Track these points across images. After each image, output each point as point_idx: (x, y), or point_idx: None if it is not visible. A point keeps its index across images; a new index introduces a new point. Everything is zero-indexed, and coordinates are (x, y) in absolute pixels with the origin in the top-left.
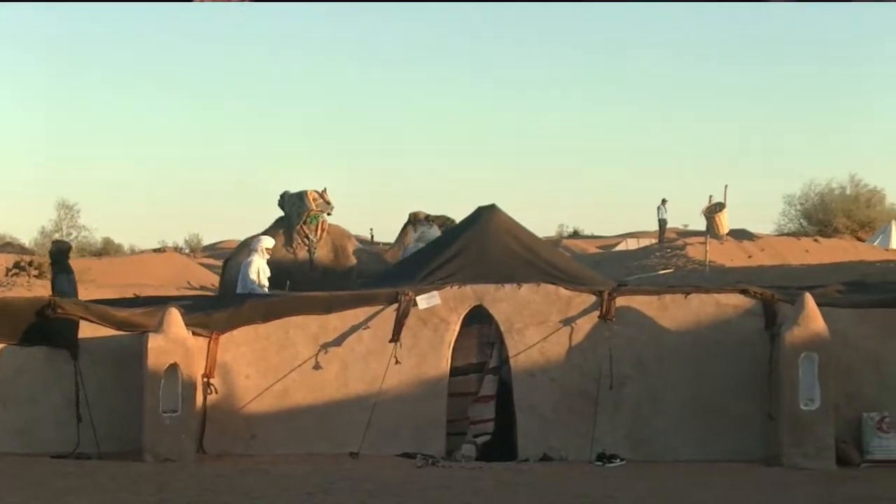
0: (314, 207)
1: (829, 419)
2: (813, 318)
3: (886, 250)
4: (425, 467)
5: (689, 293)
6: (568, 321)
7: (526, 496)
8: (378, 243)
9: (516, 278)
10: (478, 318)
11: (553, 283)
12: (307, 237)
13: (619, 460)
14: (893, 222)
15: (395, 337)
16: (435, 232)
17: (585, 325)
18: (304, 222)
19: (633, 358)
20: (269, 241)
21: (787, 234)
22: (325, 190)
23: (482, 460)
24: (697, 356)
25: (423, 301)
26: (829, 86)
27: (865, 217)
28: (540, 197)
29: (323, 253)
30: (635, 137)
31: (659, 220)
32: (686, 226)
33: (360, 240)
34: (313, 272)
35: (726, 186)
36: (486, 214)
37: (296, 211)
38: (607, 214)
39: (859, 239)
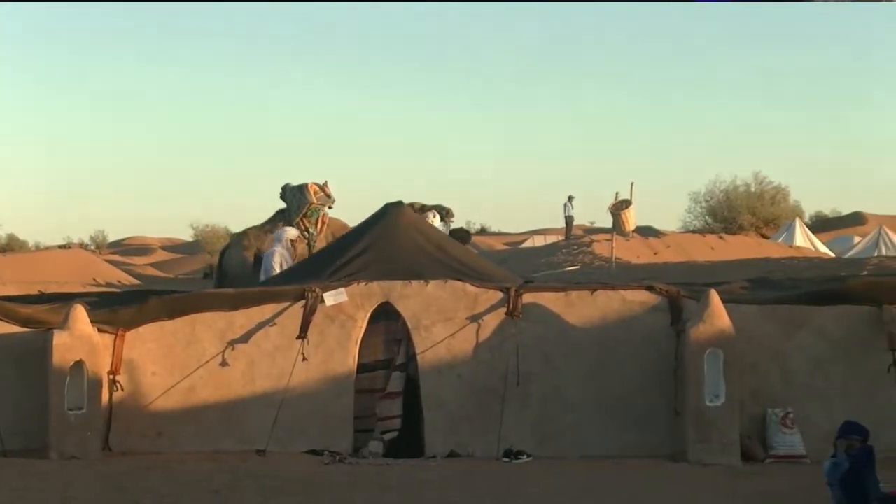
0: (315, 200)
1: (734, 415)
2: (718, 315)
3: (790, 247)
4: (332, 464)
5: (595, 290)
6: (475, 318)
7: (433, 492)
8: None
9: (424, 275)
10: (385, 315)
11: (460, 280)
12: (307, 230)
13: (525, 456)
14: (797, 219)
15: (303, 334)
16: (436, 221)
17: (492, 321)
18: (305, 215)
19: (540, 354)
20: (293, 232)
21: (693, 232)
22: (325, 183)
23: (389, 457)
24: (603, 352)
25: (331, 298)
26: (734, 83)
27: (770, 214)
28: (447, 194)
29: (322, 246)
30: (542, 134)
31: (566, 217)
32: (592, 223)
33: None
34: None
35: (633, 184)
36: (393, 211)
37: (296, 204)
38: (514, 211)
39: (764, 236)
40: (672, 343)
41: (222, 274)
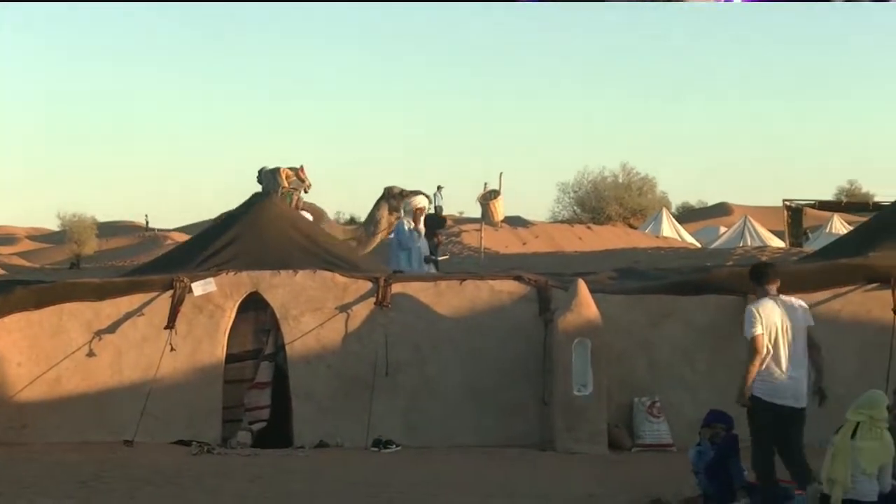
0: (287, 185)
1: (602, 404)
2: (586, 305)
3: (657, 237)
4: (200, 454)
5: (464, 280)
6: (344, 308)
7: (302, 483)
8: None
9: (292, 265)
10: (254, 305)
11: (329, 270)
12: None
13: (394, 446)
14: (664, 210)
15: (171, 324)
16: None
17: (361, 311)
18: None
19: (409, 344)
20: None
21: (562, 222)
22: (302, 167)
23: (258, 447)
24: (472, 342)
25: (199, 287)
26: (602, 74)
27: (637, 205)
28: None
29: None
30: (410, 124)
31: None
32: (461, 213)
33: None
34: None
35: (501, 174)
36: (262, 201)
37: (270, 187)
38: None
39: (631, 226)
40: (540, 332)
41: None
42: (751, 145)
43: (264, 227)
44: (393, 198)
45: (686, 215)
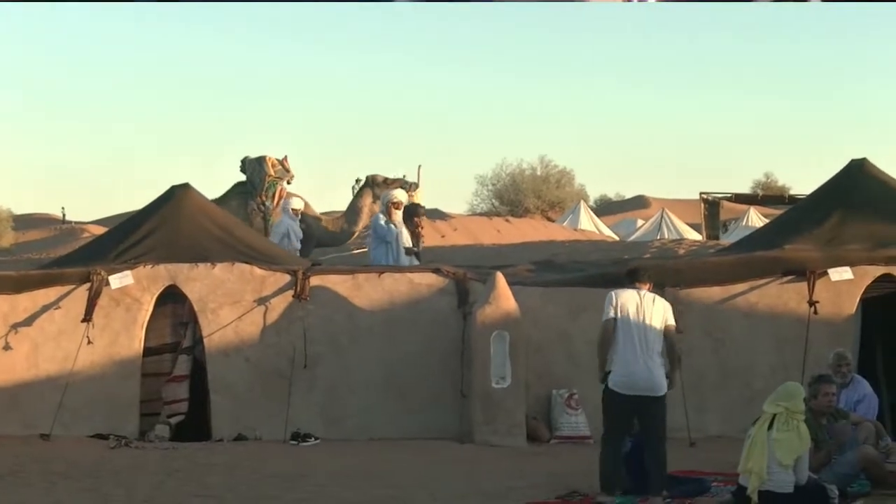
0: (272, 173)
1: (520, 396)
2: (504, 297)
3: (575, 230)
4: (118, 448)
5: (382, 272)
6: (262, 300)
7: (220, 476)
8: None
9: (210, 258)
10: (171, 298)
11: (247, 263)
12: (263, 204)
13: (313, 439)
14: (582, 203)
15: (88, 317)
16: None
17: (280, 304)
18: (263, 189)
19: (327, 337)
20: (299, 203)
21: (480, 215)
22: (285, 157)
23: (176, 441)
24: (391, 335)
25: (116, 280)
26: (518, 65)
27: (555, 197)
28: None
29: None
30: (326, 116)
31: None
32: None
33: None
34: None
35: (420, 166)
36: (179, 193)
37: (256, 177)
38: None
39: (549, 219)
40: (459, 325)
41: None
42: (668, 138)
43: (182, 220)
44: (377, 186)
45: (604, 208)
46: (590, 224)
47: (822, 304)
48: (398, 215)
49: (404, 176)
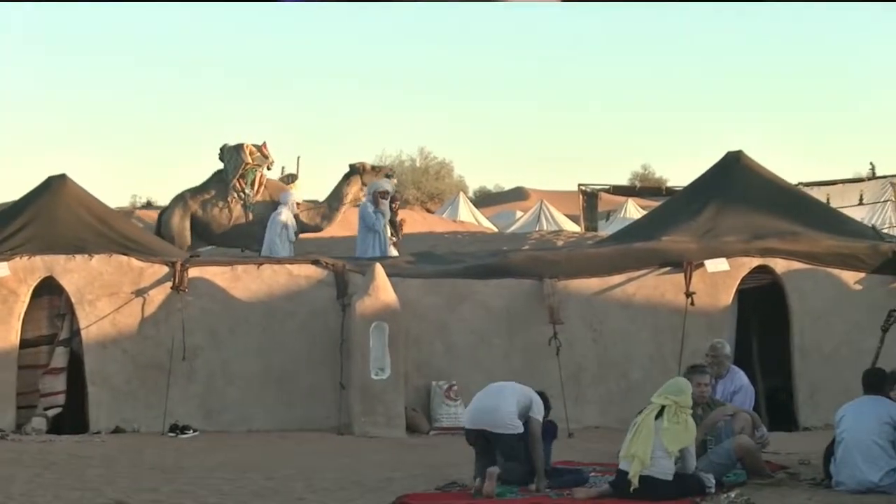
0: (251, 161)
1: (399, 388)
2: (383, 289)
3: (454, 221)
4: None
5: (261, 264)
6: (140, 292)
7: (98, 468)
8: None
9: (87, 249)
10: (48, 290)
11: (125, 254)
12: (243, 191)
13: (192, 431)
14: (461, 194)
15: None
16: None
17: (158, 295)
18: (241, 176)
19: (206, 329)
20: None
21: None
22: (264, 144)
23: (53, 433)
24: (270, 326)
25: None
26: (397, 59)
27: (434, 189)
28: (112, 167)
29: (260, 207)
30: (208, 108)
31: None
32: None
33: None
34: (249, 227)
35: (299, 158)
36: (56, 184)
37: (232, 164)
38: (181, 185)
39: (428, 210)
40: (338, 317)
41: (164, 236)
42: (547, 130)
43: (57, 210)
44: (366, 173)
45: (483, 199)
46: (469, 216)
47: (698, 295)
48: (385, 204)
49: (283, 169)
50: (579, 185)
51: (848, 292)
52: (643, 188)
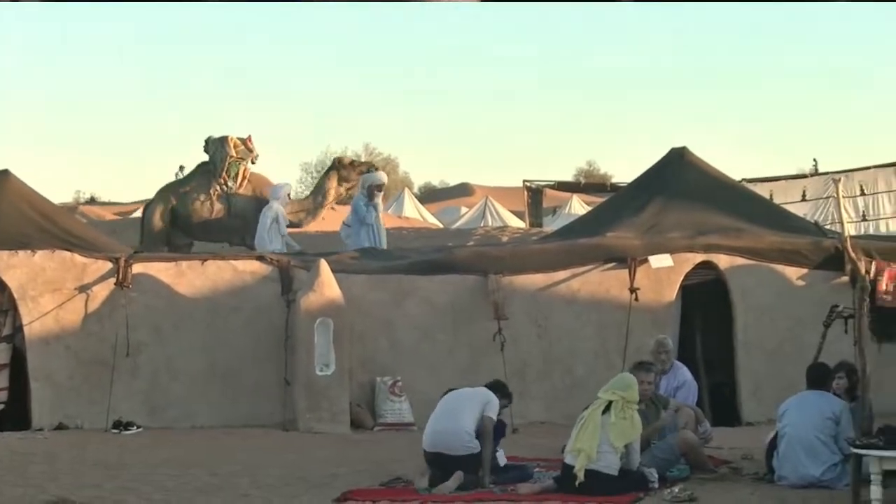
0: (234, 154)
1: (344, 384)
2: (328, 285)
3: (399, 217)
4: None
5: (206, 259)
6: (84, 288)
7: (41, 465)
8: None
9: (31, 245)
10: None
11: (69, 250)
12: (225, 184)
13: (136, 427)
14: (406, 190)
15: None
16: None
17: (102, 291)
18: (225, 169)
19: (150, 325)
20: (288, 188)
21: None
22: (249, 137)
23: None
24: (214, 323)
25: None
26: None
27: None
28: (55, 162)
29: (242, 202)
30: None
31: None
32: None
33: None
34: (231, 220)
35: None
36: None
37: (218, 157)
38: (125, 181)
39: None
40: (283, 313)
41: (144, 230)
42: (492, 126)
43: (1, 206)
44: (343, 168)
45: (428, 195)
46: (414, 211)
47: (642, 291)
48: (379, 197)
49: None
50: (524, 181)
51: (791, 288)
52: (588, 184)
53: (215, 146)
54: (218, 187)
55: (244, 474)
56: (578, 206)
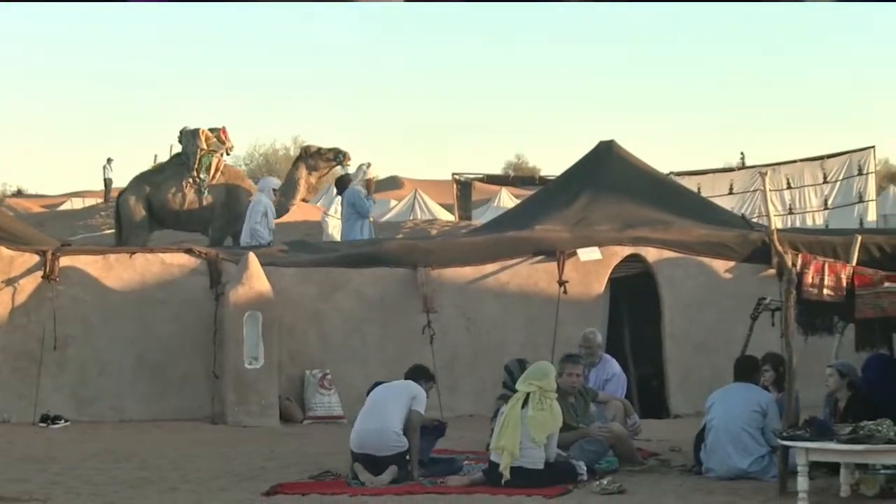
0: (206, 147)
1: (273, 377)
2: (257, 278)
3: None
4: None
5: (134, 253)
6: (10, 281)
7: None
8: None
9: None
10: None
11: None
12: (198, 176)
13: (64, 421)
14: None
15: None
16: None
17: (29, 285)
18: (197, 162)
19: (78, 318)
20: (276, 182)
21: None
22: (223, 129)
23: None
24: (143, 316)
25: None
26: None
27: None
28: None
29: (214, 194)
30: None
31: (105, 180)
32: None
33: None
34: (203, 212)
35: (171, 146)
36: None
37: (190, 150)
38: (52, 173)
39: (303, 199)
40: (211, 306)
41: (123, 220)
42: (421, 119)
43: None
44: (310, 157)
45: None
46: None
47: (571, 284)
48: (372, 191)
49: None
50: (453, 174)
51: (718, 281)
52: (517, 177)
53: (188, 138)
54: (191, 179)
55: (173, 468)
56: (507, 199)
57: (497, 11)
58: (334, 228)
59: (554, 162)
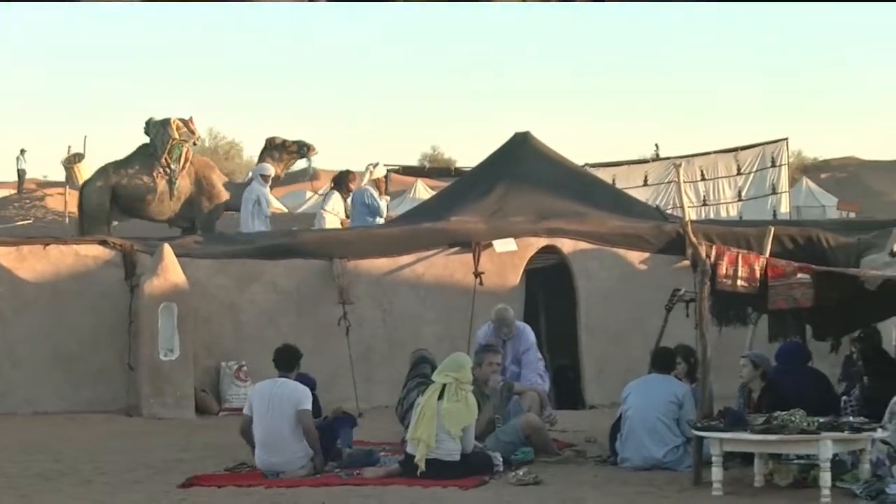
0: (177, 136)
1: (188, 369)
2: (172, 269)
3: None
4: None
5: (48, 244)
6: None
7: None
8: None
9: None
10: None
11: None
12: (169, 167)
13: None
14: (250, 172)
15: None
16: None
17: None
18: (167, 151)
19: None
20: (269, 169)
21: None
22: (191, 119)
23: None
24: (57, 308)
25: None
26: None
27: (224, 169)
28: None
29: (185, 184)
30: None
31: (18, 171)
32: (45, 176)
33: None
34: (173, 202)
35: (86, 137)
36: None
37: (160, 139)
38: None
39: None
40: (126, 297)
41: (84, 209)
42: (336, 110)
43: None
44: (275, 149)
45: (273, 179)
46: None
47: (487, 275)
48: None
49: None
50: (368, 165)
51: (633, 272)
52: (432, 169)
53: (157, 128)
54: (161, 169)
55: (87, 460)
56: (423, 191)
57: (409, 4)
58: (330, 224)
59: (469, 153)
